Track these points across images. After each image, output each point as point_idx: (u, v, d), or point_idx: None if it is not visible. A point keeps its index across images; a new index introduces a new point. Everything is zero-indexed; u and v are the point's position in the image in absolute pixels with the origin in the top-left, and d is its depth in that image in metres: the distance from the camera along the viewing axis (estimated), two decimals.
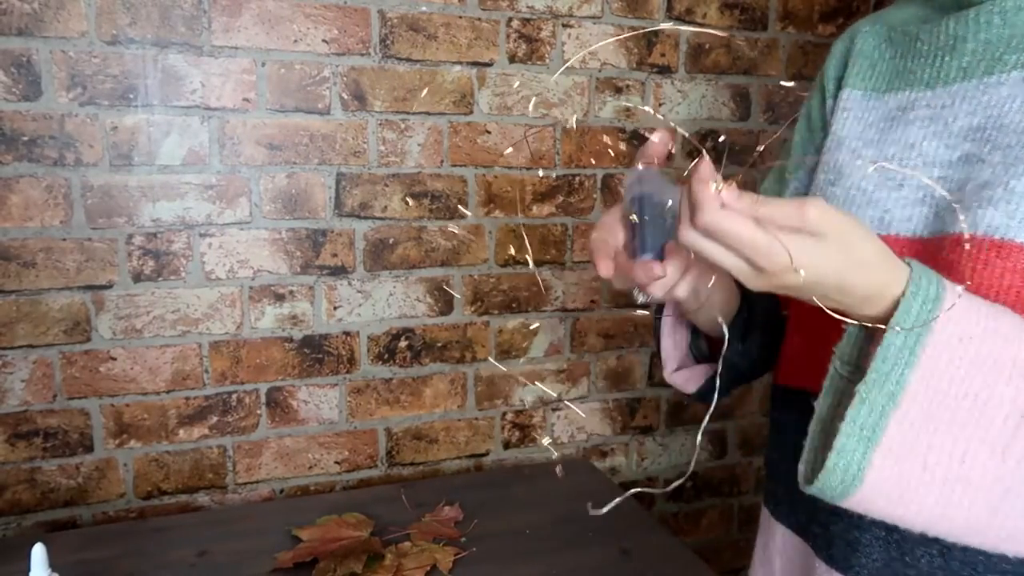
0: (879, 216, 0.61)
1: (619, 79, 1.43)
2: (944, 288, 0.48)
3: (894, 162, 0.61)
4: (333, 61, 1.25)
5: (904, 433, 0.47)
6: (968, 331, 0.47)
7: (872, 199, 0.61)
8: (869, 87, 0.67)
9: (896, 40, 0.67)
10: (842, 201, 0.63)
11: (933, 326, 0.46)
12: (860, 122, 0.67)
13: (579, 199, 1.45)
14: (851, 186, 0.63)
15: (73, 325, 1.19)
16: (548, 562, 1.08)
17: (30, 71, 1.11)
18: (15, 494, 1.20)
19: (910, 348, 0.47)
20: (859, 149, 0.65)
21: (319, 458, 1.36)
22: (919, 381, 0.47)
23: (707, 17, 1.47)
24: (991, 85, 0.57)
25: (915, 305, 0.47)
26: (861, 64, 0.69)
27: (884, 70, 0.67)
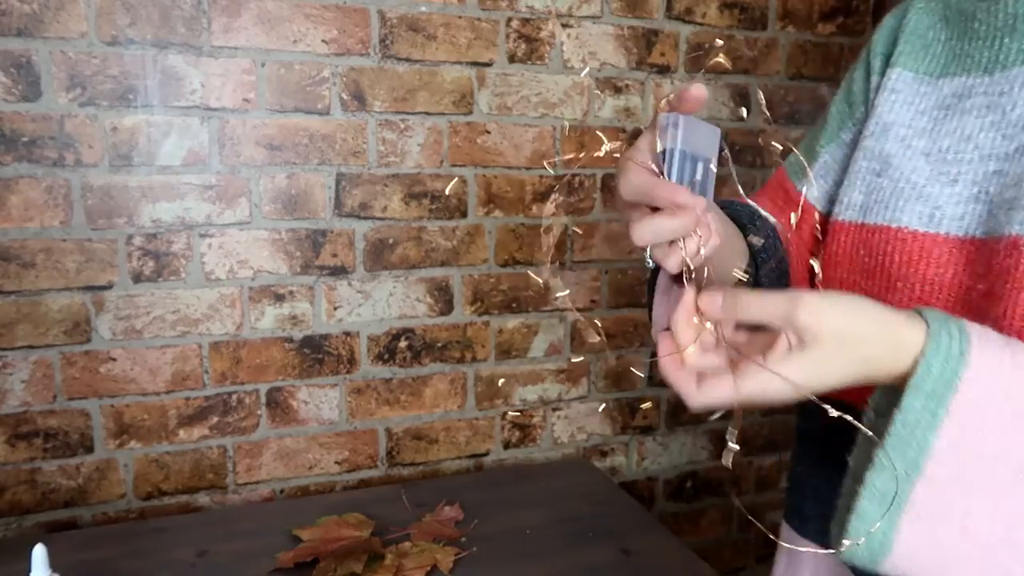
0: (928, 212, 0.57)
1: (619, 79, 1.43)
2: (969, 343, 0.42)
3: (947, 155, 0.57)
4: (333, 61, 1.25)
5: (933, 498, 0.43)
6: (1001, 386, 0.42)
7: (922, 193, 0.57)
8: (922, 69, 0.62)
9: (952, 19, 0.62)
10: (889, 194, 0.59)
11: (958, 385, 0.42)
12: (910, 108, 0.62)
13: (579, 199, 1.45)
14: (899, 178, 0.59)
15: (73, 326, 1.19)
16: (548, 562, 1.08)
17: (30, 71, 1.11)
18: (15, 495, 1.20)
19: (931, 410, 0.42)
20: (909, 138, 0.60)
21: (319, 458, 1.36)
22: (945, 444, 0.42)
23: (707, 17, 1.47)
24: None
25: (935, 365, 0.42)
26: (914, 43, 0.64)
27: (939, 52, 0.62)
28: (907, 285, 0.56)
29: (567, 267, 1.46)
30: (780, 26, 1.53)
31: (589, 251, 1.47)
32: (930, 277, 0.56)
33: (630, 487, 1.58)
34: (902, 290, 0.56)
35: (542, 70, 1.38)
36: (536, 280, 1.44)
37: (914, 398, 0.42)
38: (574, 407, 1.51)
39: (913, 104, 0.62)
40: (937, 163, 0.58)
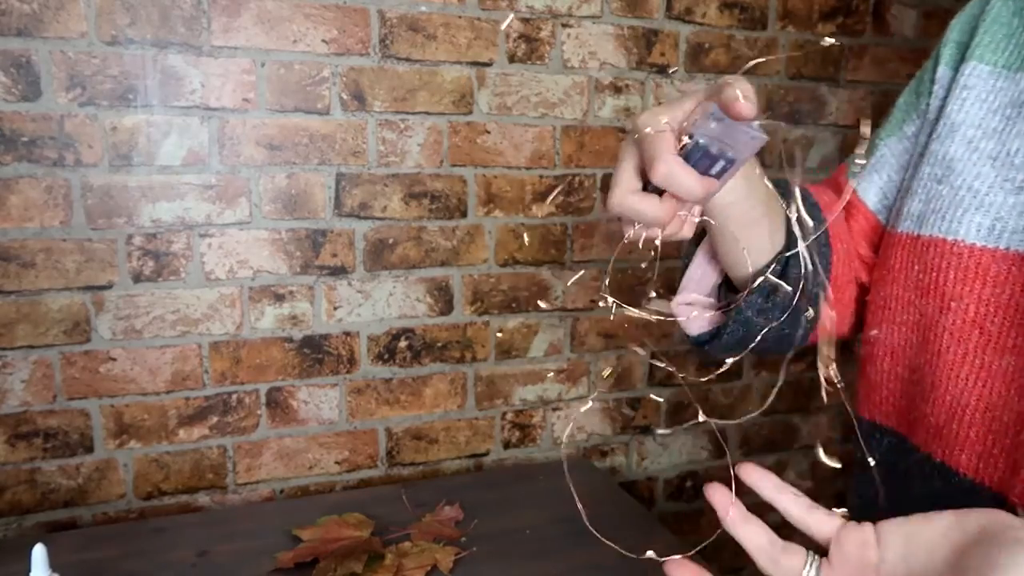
0: (989, 224, 0.51)
1: (619, 78, 1.43)
2: None
3: (1016, 159, 0.52)
4: (333, 61, 1.25)
5: None
6: None
7: (983, 202, 0.52)
8: (1000, 62, 0.56)
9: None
10: (947, 202, 0.54)
11: None
12: (983, 105, 0.56)
13: (579, 199, 1.45)
14: (960, 185, 0.53)
15: (73, 326, 1.19)
16: (548, 562, 1.08)
17: (29, 71, 1.11)
18: (15, 495, 1.20)
19: None
20: (976, 140, 0.54)
21: (319, 458, 1.36)
22: None
23: (707, 17, 1.47)
24: None
25: None
26: (994, 33, 0.57)
27: (1020, 42, 0.55)
28: (961, 305, 0.51)
29: (567, 267, 1.46)
30: (780, 26, 1.53)
31: (589, 251, 1.47)
32: (986, 297, 0.50)
33: (630, 487, 1.58)
34: (955, 310, 0.52)
35: (542, 70, 1.38)
36: (538, 280, 1.44)
37: None
38: (574, 407, 1.51)
39: (986, 101, 0.56)
40: (1004, 168, 0.52)
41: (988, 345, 0.49)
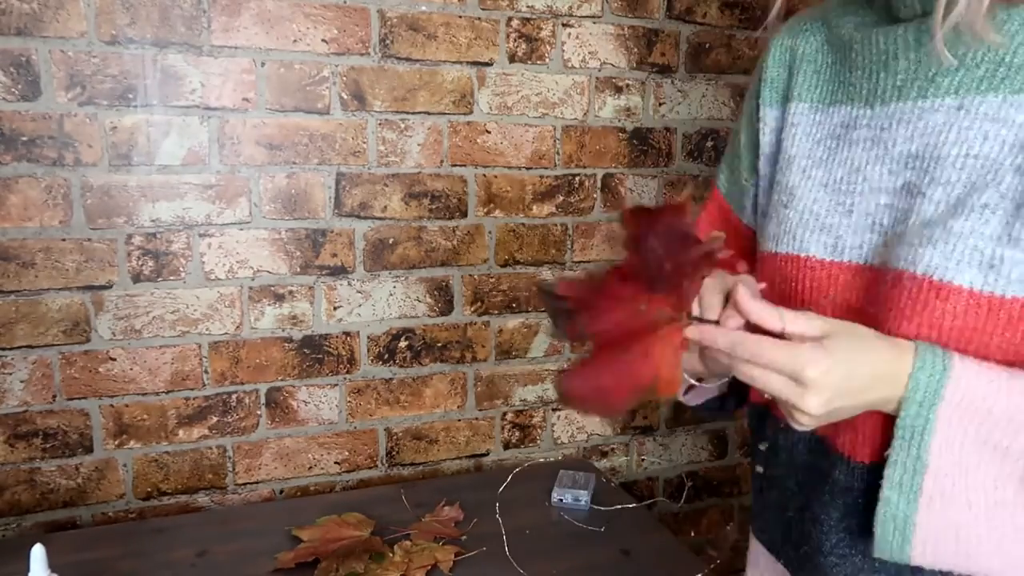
0: (832, 242, 0.60)
1: (619, 78, 1.43)
2: (951, 360, 0.51)
3: (842, 185, 0.61)
4: (333, 61, 1.25)
5: (941, 484, 0.52)
6: (979, 392, 0.50)
7: (824, 224, 0.61)
8: (815, 98, 0.66)
9: (835, 44, 0.65)
10: (795, 224, 0.62)
11: (943, 394, 0.50)
12: (809, 138, 0.65)
13: (579, 199, 1.45)
14: (803, 209, 0.62)
15: (72, 325, 1.19)
16: (548, 562, 1.08)
17: (29, 71, 1.11)
18: (15, 495, 1.20)
19: (924, 416, 0.51)
20: (809, 169, 0.64)
21: (319, 458, 1.36)
22: (940, 441, 0.51)
23: (707, 16, 1.47)
24: (926, 110, 0.56)
25: (922, 380, 0.51)
26: (806, 70, 0.67)
27: (828, 78, 0.65)
28: (819, 308, 0.60)
29: (567, 267, 1.46)
30: None
31: (589, 251, 1.47)
32: (839, 301, 0.60)
33: (630, 487, 1.58)
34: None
35: (542, 70, 1.38)
36: (538, 280, 1.44)
37: (909, 407, 0.51)
38: None
39: (811, 135, 0.65)
40: (834, 193, 0.61)
41: None
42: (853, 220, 0.59)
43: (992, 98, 0.53)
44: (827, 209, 0.61)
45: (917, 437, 0.51)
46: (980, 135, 0.53)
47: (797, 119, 0.67)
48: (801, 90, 0.67)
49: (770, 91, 0.70)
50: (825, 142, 0.64)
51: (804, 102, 0.67)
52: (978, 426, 0.51)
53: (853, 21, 0.63)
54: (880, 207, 0.58)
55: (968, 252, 0.51)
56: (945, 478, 0.51)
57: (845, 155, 0.61)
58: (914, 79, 0.57)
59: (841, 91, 0.64)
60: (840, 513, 0.60)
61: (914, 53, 0.56)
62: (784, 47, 0.70)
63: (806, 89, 0.67)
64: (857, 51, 0.61)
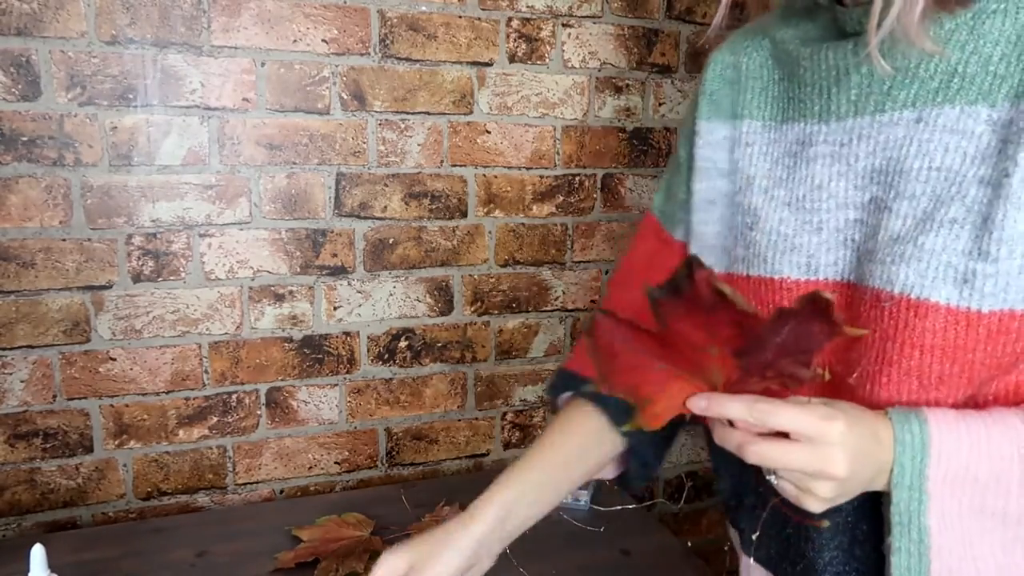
0: (804, 262, 0.59)
1: (619, 78, 1.43)
2: (929, 437, 0.50)
3: (806, 203, 0.60)
4: (333, 61, 1.25)
5: (947, 561, 0.52)
6: (961, 462, 0.50)
7: (794, 244, 0.60)
8: (767, 116, 0.65)
9: (781, 59, 0.64)
10: (765, 247, 0.61)
11: (927, 473, 0.50)
12: (766, 158, 0.64)
13: (579, 199, 1.45)
14: (770, 231, 0.61)
15: (73, 325, 1.19)
16: (548, 562, 1.08)
17: (29, 71, 1.11)
18: (15, 495, 1.20)
19: (916, 499, 0.51)
20: (770, 189, 0.63)
21: (319, 458, 1.36)
22: (936, 520, 0.51)
23: (707, 16, 1.47)
24: (885, 124, 0.56)
25: (906, 463, 0.50)
26: (753, 87, 0.66)
27: (777, 94, 0.64)
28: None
29: (567, 267, 1.46)
30: None
31: (589, 251, 1.47)
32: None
33: None
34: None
35: (542, 70, 1.38)
36: (538, 280, 1.44)
37: (899, 493, 0.51)
38: None
39: (767, 154, 0.64)
40: (799, 212, 0.60)
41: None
42: (824, 237, 0.58)
43: (949, 109, 0.53)
44: (795, 229, 0.60)
45: (915, 520, 0.51)
46: (941, 147, 0.53)
47: (751, 138, 0.65)
48: (751, 108, 0.66)
49: (709, 105, 0.69)
50: (783, 160, 0.63)
51: (756, 120, 0.66)
52: (971, 496, 0.50)
53: (797, 36, 0.62)
54: (850, 222, 0.57)
55: (942, 268, 0.51)
56: (950, 555, 0.51)
57: (805, 172, 0.60)
58: (869, 93, 0.56)
59: (792, 108, 0.63)
60: (831, 532, 0.60)
61: (866, 67, 0.56)
62: (726, 63, 0.69)
63: (756, 107, 0.66)
64: (806, 67, 0.60)
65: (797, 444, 0.48)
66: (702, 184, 0.69)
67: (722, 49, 0.70)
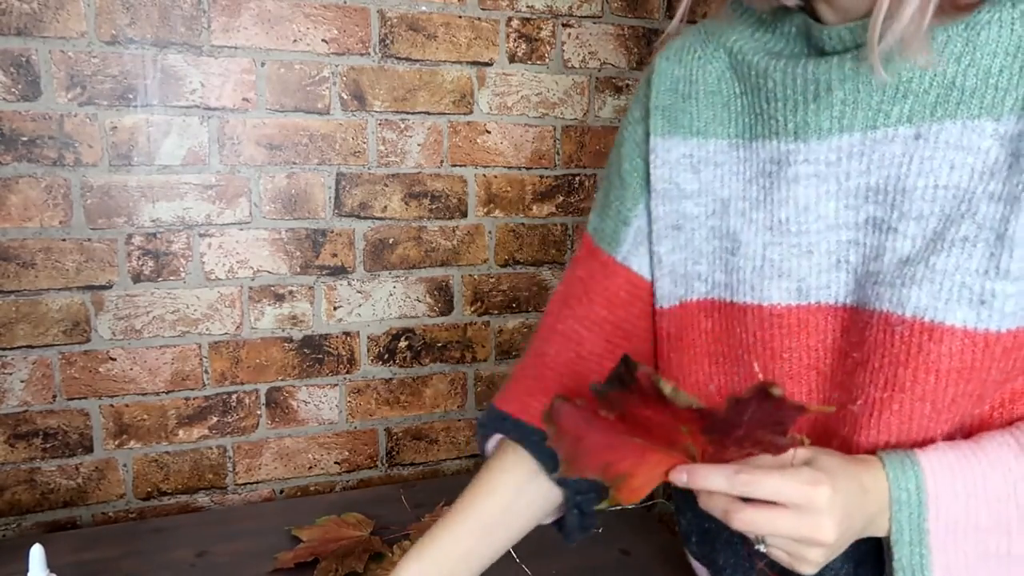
0: (795, 287, 0.56)
1: (619, 78, 1.43)
2: (924, 490, 0.49)
3: (791, 226, 0.56)
4: (333, 61, 1.25)
5: None
6: (960, 510, 0.49)
7: (783, 270, 0.57)
8: (732, 133, 0.61)
9: (741, 72, 0.60)
10: (750, 273, 0.58)
11: (927, 527, 0.49)
12: (739, 178, 0.60)
13: (579, 199, 1.45)
14: (754, 256, 0.58)
15: (73, 325, 1.19)
16: (548, 562, 1.08)
17: (29, 71, 1.11)
18: (14, 495, 1.20)
19: (919, 553, 0.50)
20: (748, 212, 0.59)
21: (319, 458, 1.36)
22: (941, 571, 0.50)
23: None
24: (879, 141, 0.53)
25: (904, 519, 0.49)
26: (713, 103, 0.62)
27: (741, 110, 0.61)
28: (794, 354, 0.57)
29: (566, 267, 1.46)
30: None
31: None
32: (813, 345, 0.56)
33: None
34: (788, 359, 0.57)
35: (542, 70, 1.38)
36: (538, 280, 1.44)
37: (900, 550, 0.50)
38: None
39: (739, 173, 0.61)
40: (784, 235, 0.57)
41: (824, 383, 0.56)
42: (815, 260, 0.56)
43: (950, 125, 0.51)
44: (781, 254, 0.57)
45: (918, 574, 0.50)
46: (946, 164, 0.51)
47: (720, 158, 0.61)
48: (713, 125, 0.62)
49: (663, 120, 0.64)
50: (757, 180, 0.59)
51: (721, 139, 0.62)
52: (975, 544, 0.50)
53: (759, 48, 0.59)
54: (843, 243, 0.55)
55: (956, 289, 0.49)
56: None
57: (786, 194, 0.57)
58: (855, 110, 0.54)
59: (760, 124, 0.59)
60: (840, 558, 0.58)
61: (851, 83, 0.53)
62: (676, 76, 0.64)
63: (719, 124, 0.62)
64: (776, 81, 0.56)
65: (784, 511, 0.46)
66: (664, 208, 0.64)
67: (668, 58, 0.65)
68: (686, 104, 0.63)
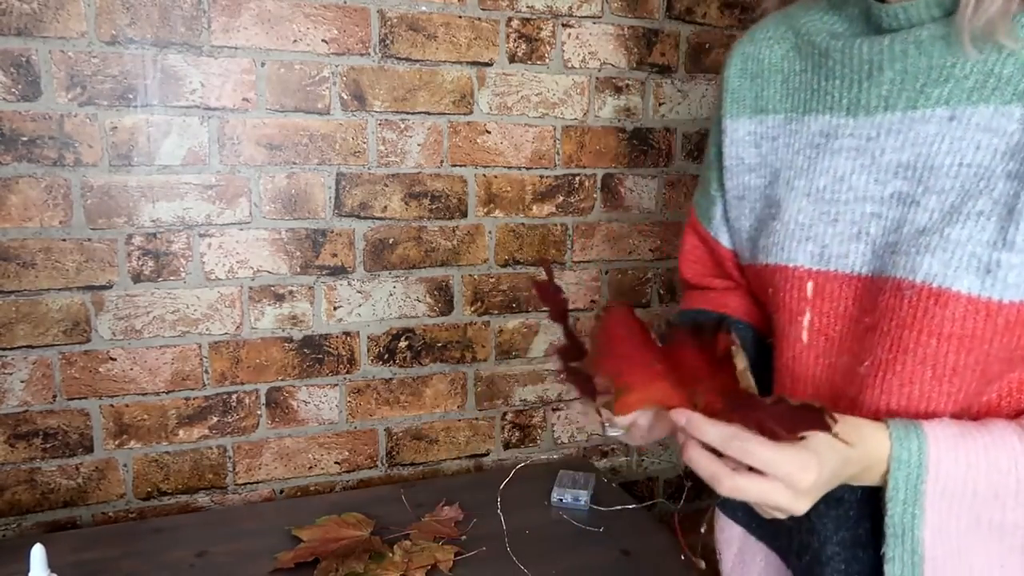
0: (818, 251, 0.60)
1: (619, 78, 1.43)
2: (926, 452, 0.52)
3: (825, 194, 0.61)
4: (333, 61, 1.25)
5: (941, 568, 0.53)
6: (958, 477, 0.52)
7: (810, 234, 0.61)
8: (787, 108, 0.66)
9: (805, 51, 0.64)
10: (783, 236, 0.62)
11: (924, 489, 0.52)
12: (788, 149, 0.65)
13: (579, 199, 1.45)
14: (789, 220, 0.62)
15: (73, 325, 1.19)
16: (548, 562, 1.08)
17: (29, 71, 1.11)
18: (15, 495, 1.20)
19: (911, 513, 0.52)
20: (791, 180, 0.64)
21: (319, 458, 1.36)
22: (931, 534, 0.53)
23: (707, 16, 1.47)
24: (916, 120, 0.56)
25: (901, 478, 0.52)
26: (774, 80, 0.67)
27: (799, 86, 0.65)
28: (807, 317, 0.61)
29: (567, 267, 1.46)
30: None
31: (589, 251, 1.47)
32: (826, 310, 0.60)
33: (630, 487, 1.58)
34: (802, 322, 0.62)
35: (542, 70, 1.38)
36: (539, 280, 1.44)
37: (894, 507, 0.53)
38: (575, 407, 1.51)
39: (790, 145, 0.65)
40: (817, 203, 0.61)
41: (832, 348, 0.60)
42: (838, 229, 0.59)
43: (984, 108, 0.53)
44: (812, 219, 0.61)
45: (908, 533, 0.53)
46: (973, 145, 0.53)
47: (774, 132, 0.67)
48: (773, 102, 0.67)
49: (732, 102, 0.70)
50: (804, 151, 0.64)
51: (779, 114, 0.67)
52: (968, 510, 0.52)
53: (824, 29, 0.63)
54: (866, 216, 0.58)
55: (966, 259, 0.51)
56: (944, 566, 0.53)
57: (827, 164, 0.61)
58: (901, 90, 0.57)
59: (816, 100, 0.63)
60: (834, 525, 0.61)
61: (900, 64, 0.56)
62: (747, 55, 0.70)
63: (778, 100, 0.67)
64: (835, 60, 0.61)
65: (770, 483, 0.48)
66: (732, 182, 0.71)
67: (743, 41, 0.71)
68: (752, 84, 0.69)
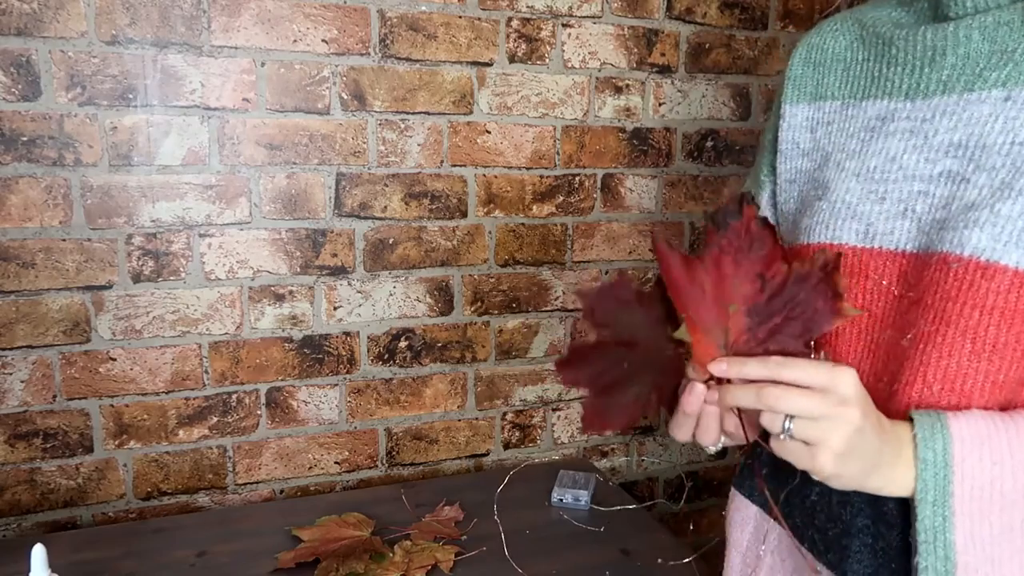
0: (863, 229, 0.62)
1: (619, 78, 1.43)
2: (951, 452, 0.52)
3: (875, 174, 0.62)
4: (333, 61, 1.25)
5: (972, 573, 0.53)
6: (986, 477, 0.52)
7: (856, 212, 0.62)
8: (846, 95, 0.68)
9: (869, 41, 0.67)
10: (828, 215, 0.64)
11: (952, 489, 0.52)
12: (842, 133, 0.67)
13: (579, 199, 1.45)
14: (836, 199, 0.64)
15: (73, 326, 1.19)
16: (548, 562, 1.08)
17: (29, 71, 1.11)
18: (15, 495, 1.20)
19: (941, 515, 0.53)
20: (842, 161, 0.65)
21: (319, 458, 1.36)
22: (962, 537, 0.53)
23: (707, 17, 1.47)
24: (972, 102, 0.58)
25: (929, 478, 0.53)
26: (835, 68, 0.69)
27: (859, 73, 0.67)
28: (850, 295, 0.62)
29: (567, 267, 1.46)
30: (780, 26, 1.53)
31: (589, 251, 1.47)
32: (869, 287, 0.61)
33: (630, 487, 1.58)
34: (846, 299, 0.62)
35: (542, 70, 1.38)
36: (538, 280, 1.44)
37: (923, 509, 0.53)
38: (575, 407, 1.51)
39: (844, 130, 0.67)
40: (866, 182, 0.62)
41: (875, 324, 0.61)
42: (885, 207, 0.61)
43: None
44: (859, 198, 0.62)
45: (940, 537, 0.53)
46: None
47: (831, 117, 0.69)
48: (833, 88, 0.69)
49: (793, 88, 0.72)
50: (858, 135, 0.65)
51: (836, 100, 0.68)
52: (999, 513, 0.52)
53: (890, 19, 0.65)
54: (913, 193, 0.59)
55: (1016, 233, 0.52)
56: (976, 572, 0.53)
57: (880, 146, 0.63)
58: (960, 74, 0.58)
59: (875, 86, 0.65)
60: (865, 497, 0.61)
61: (963, 48, 0.58)
62: (812, 45, 0.72)
63: (837, 87, 0.69)
64: (899, 47, 0.62)
65: (811, 391, 0.50)
66: (785, 165, 0.72)
67: (810, 32, 0.73)
68: (815, 72, 0.71)
